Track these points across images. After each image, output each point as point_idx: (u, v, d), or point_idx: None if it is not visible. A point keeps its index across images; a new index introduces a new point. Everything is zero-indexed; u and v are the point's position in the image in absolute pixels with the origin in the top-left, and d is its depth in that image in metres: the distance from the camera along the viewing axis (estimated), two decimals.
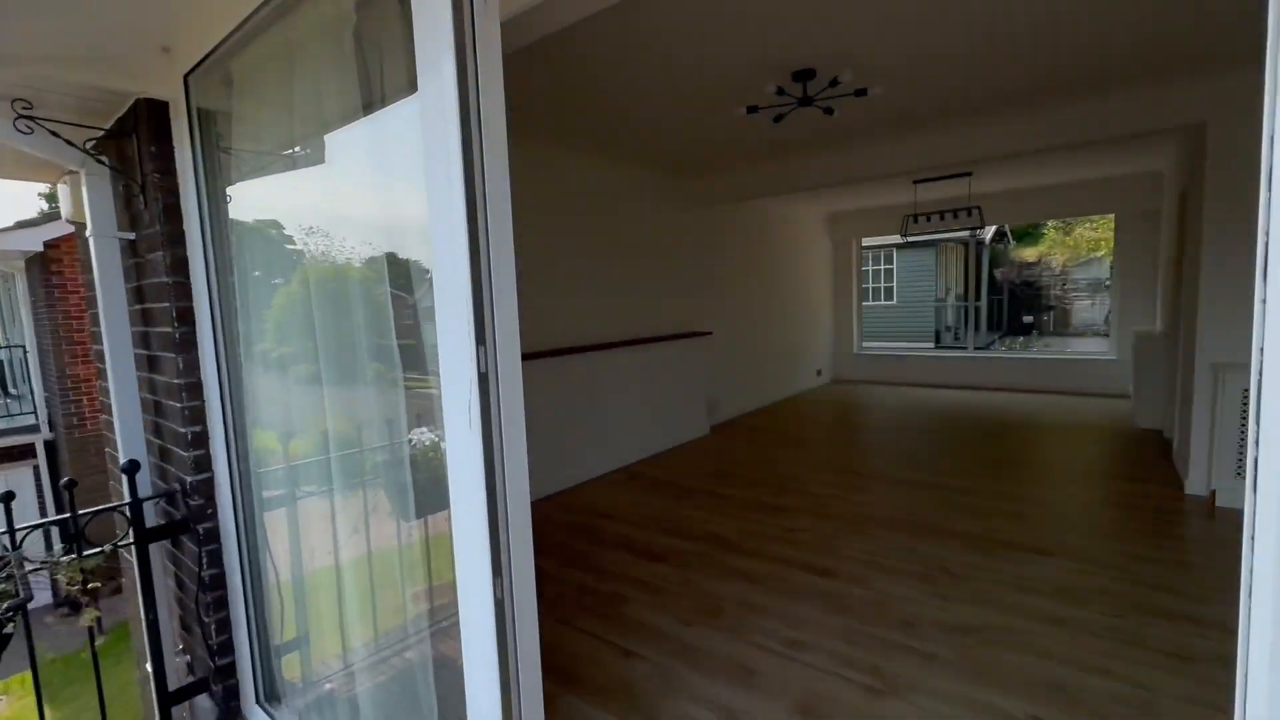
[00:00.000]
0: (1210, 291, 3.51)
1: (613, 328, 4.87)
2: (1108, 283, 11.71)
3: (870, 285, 12.26)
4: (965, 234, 7.21)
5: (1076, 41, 2.92)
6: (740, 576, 2.79)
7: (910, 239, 6.61)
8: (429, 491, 1.46)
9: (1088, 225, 11.86)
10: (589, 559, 3.08)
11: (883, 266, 12.24)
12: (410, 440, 1.44)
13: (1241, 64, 3.26)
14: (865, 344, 9.05)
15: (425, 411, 1.37)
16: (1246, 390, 3.75)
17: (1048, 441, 5.04)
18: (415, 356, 1.39)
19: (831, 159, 4.76)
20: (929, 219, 6.27)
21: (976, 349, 8.10)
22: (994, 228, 5.70)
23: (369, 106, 1.39)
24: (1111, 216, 11.63)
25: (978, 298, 10.60)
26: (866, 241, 8.93)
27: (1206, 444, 3.56)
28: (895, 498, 3.78)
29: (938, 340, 11.53)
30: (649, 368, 5.01)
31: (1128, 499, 3.60)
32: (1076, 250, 11.83)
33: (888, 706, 1.91)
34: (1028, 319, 11.75)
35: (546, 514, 3.76)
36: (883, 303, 12.20)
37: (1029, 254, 12.38)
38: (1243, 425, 3.35)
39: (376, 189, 1.52)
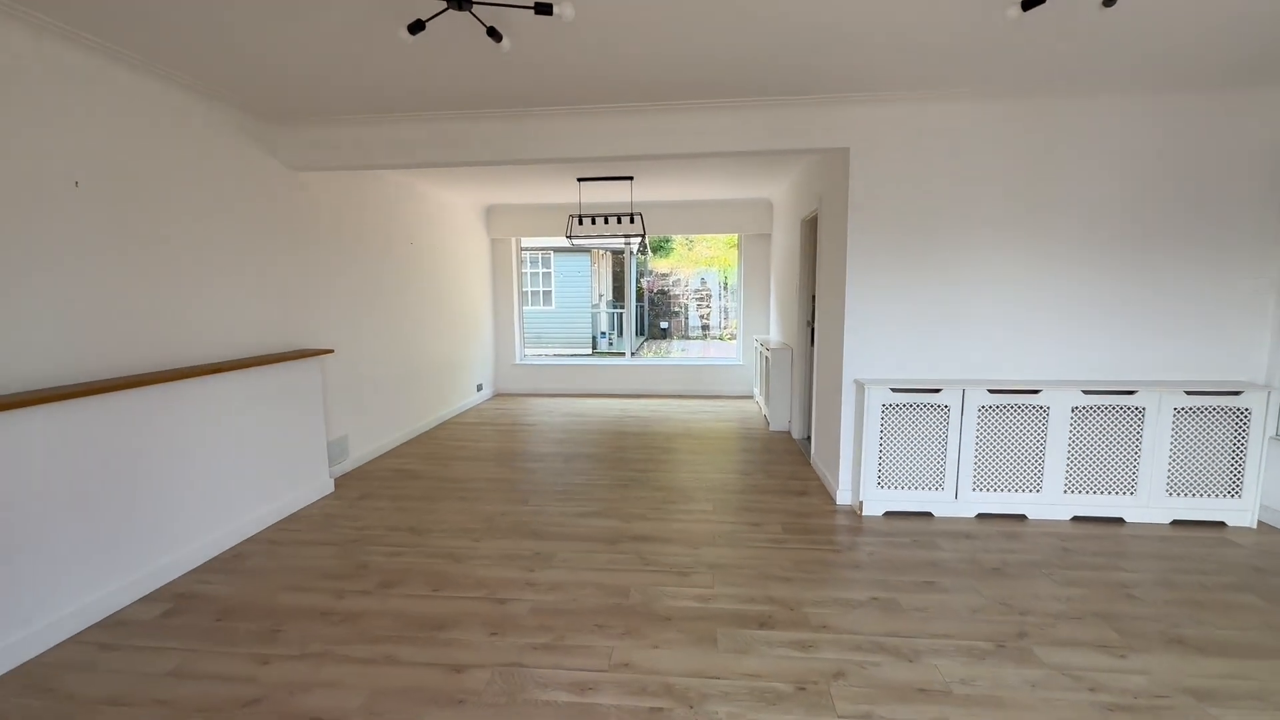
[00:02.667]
0: (854, 319, 3.68)
1: (148, 350, 2.89)
2: (717, 295, 13.84)
3: (530, 289, 11.84)
4: (621, 242, 7.15)
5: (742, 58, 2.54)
6: None
7: (575, 240, 6.07)
8: None
9: (704, 244, 13.77)
10: None
11: (541, 270, 11.96)
12: None
13: (886, 99, 3.43)
14: (527, 352, 8.38)
15: None
16: (890, 406, 3.86)
17: (711, 453, 5.03)
18: None
19: (491, 129, 3.72)
20: (594, 221, 5.82)
21: (633, 355, 8.23)
22: (640, 238, 5.52)
23: None
24: (734, 236, 13.69)
25: (625, 304, 11.27)
26: (526, 242, 8.27)
27: (853, 455, 3.74)
28: (587, 562, 2.98)
29: (594, 346, 11.83)
30: (226, 409, 3.17)
31: (800, 517, 3.54)
32: (698, 264, 13.62)
33: None
34: (664, 325, 13.01)
35: None
36: (542, 307, 11.92)
37: (662, 266, 13.76)
38: (883, 440, 3.57)
39: None
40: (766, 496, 3.96)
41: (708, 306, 13.04)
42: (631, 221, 5.78)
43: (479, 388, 7.43)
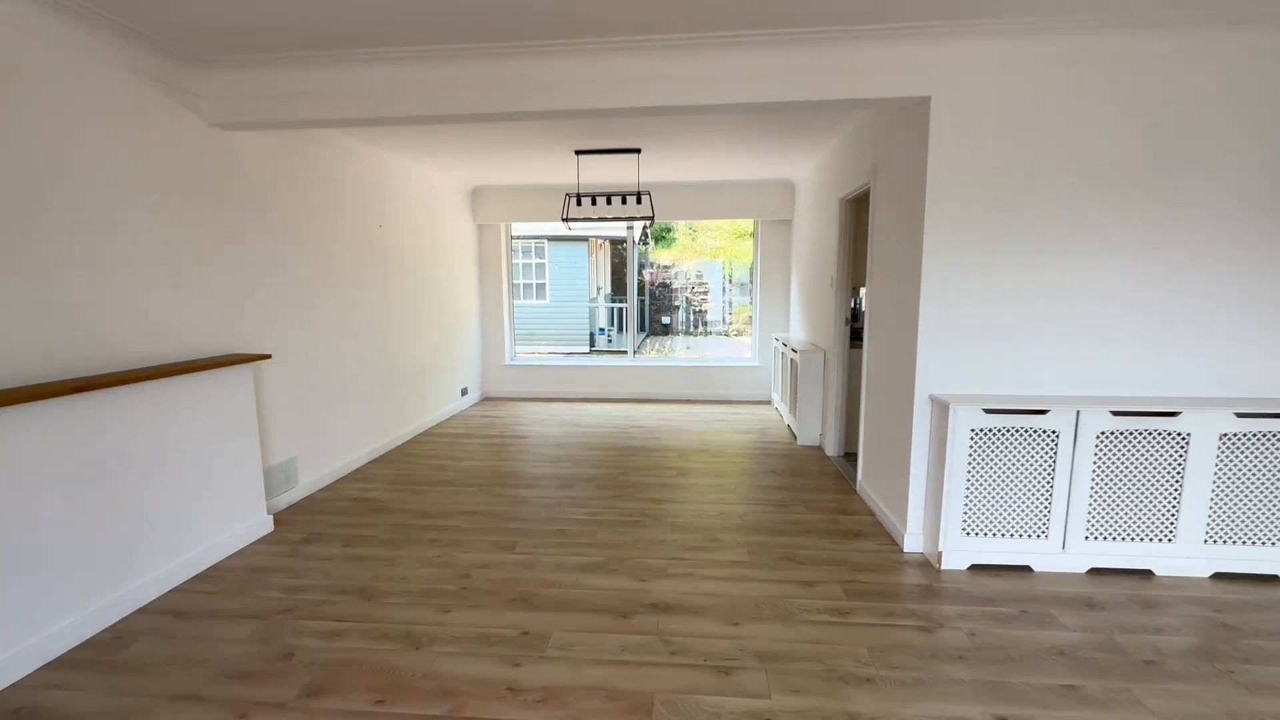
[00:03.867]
0: (931, 320, 2.89)
1: (9, 361, 2.08)
2: (721, 289, 13.04)
3: (521, 281, 10.98)
4: (624, 228, 6.36)
5: None
6: None
7: (572, 224, 5.24)
8: None
9: (708, 234, 12.96)
10: None
11: (534, 260, 11.08)
12: None
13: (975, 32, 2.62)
14: (518, 351, 7.57)
15: None
16: (981, 431, 2.59)
17: (734, 475, 4.24)
18: None
19: (473, 72, 2.90)
20: (594, 202, 5.00)
21: (636, 355, 7.43)
22: (646, 221, 4.72)
23: None
24: (745, 224, 12.87)
25: (626, 298, 10.42)
26: (517, 229, 7.44)
27: (929, 492, 2.96)
28: (592, 648, 2.20)
29: (592, 343, 10.99)
30: (115, 437, 2.36)
31: (861, 571, 2.76)
32: (702, 256, 12.81)
33: None
34: (665, 320, 12.21)
35: None
36: (535, 301, 11.06)
37: (664, 257, 12.94)
38: (970, 474, 2.78)
39: None
40: (813, 540, 3.17)
41: (707, 302, 12.24)
42: (639, 201, 4.97)
43: (464, 392, 6.62)
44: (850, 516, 3.48)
